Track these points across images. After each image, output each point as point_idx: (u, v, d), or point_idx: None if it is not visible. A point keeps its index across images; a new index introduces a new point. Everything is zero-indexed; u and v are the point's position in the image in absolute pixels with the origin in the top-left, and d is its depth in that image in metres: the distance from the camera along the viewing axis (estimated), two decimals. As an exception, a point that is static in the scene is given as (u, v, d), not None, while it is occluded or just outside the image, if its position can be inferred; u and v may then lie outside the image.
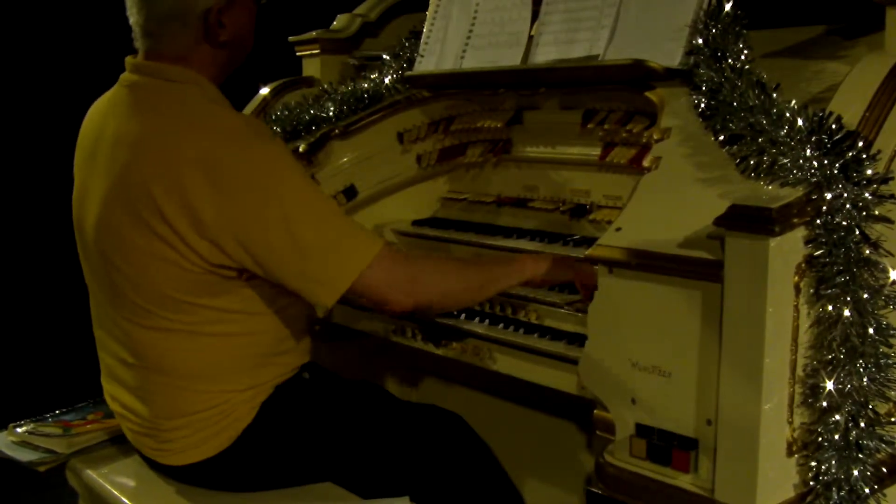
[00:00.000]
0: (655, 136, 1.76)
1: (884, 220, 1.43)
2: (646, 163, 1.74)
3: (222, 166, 1.67)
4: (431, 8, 2.45)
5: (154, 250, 1.72)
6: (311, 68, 2.85)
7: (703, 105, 1.72)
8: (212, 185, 1.66)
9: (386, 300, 1.76)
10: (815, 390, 1.43)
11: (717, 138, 1.65)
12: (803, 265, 1.41)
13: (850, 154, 1.44)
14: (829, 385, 1.41)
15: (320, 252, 1.71)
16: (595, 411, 1.67)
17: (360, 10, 2.92)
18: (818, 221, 1.41)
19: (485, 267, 1.95)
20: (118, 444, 2.09)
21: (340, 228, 1.74)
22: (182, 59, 1.81)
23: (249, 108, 2.65)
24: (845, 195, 1.41)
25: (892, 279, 1.44)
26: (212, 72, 1.84)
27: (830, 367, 1.41)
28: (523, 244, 2.16)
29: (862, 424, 1.42)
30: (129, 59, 1.87)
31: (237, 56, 1.89)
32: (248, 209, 1.67)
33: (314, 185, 1.82)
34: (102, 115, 1.88)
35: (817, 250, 1.40)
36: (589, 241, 1.80)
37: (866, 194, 1.42)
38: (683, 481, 1.53)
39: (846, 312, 1.40)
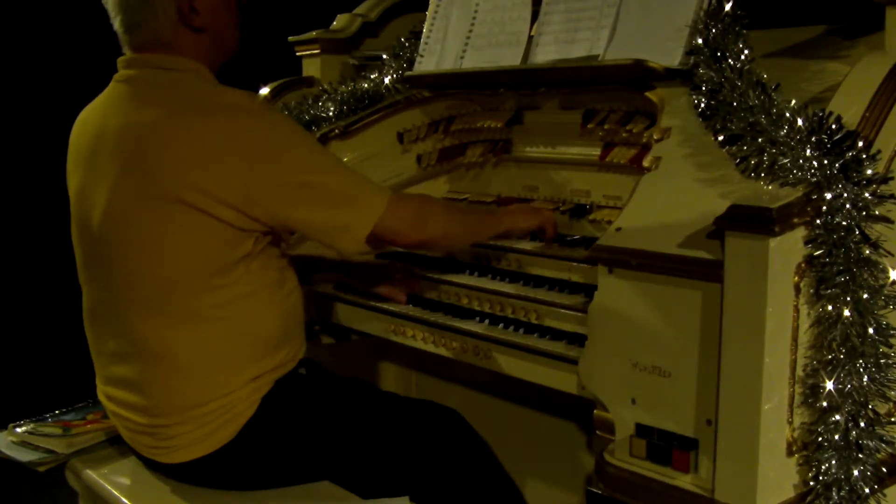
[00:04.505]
0: (655, 136, 1.76)
1: (884, 220, 1.43)
2: (646, 163, 1.75)
3: (240, 135, 1.75)
4: (431, 8, 2.45)
5: (170, 229, 1.76)
6: (311, 68, 2.86)
7: (702, 105, 1.72)
8: (235, 153, 1.74)
9: (400, 237, 1.94)
10: (815, 390, 1.43)
11: (716, 138, 1.65)
12: (803, 265, 1.41)
13: (850, 154, 1.44)
14: (829, 385, 1.41)
15: (343, 200, 1.84)
16: (595, 411, 1.67)
17: (360, 9, 2.92)
18: (818, 221, 1.41)
19: (476, 215, 2.19)
20: (118, 444, 2.08)
21: (355, 180, 1.88)
22: (168, 46, 1.85)
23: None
24: (845, 195, 1.41)
25: (891, 279, 1.44)
26: (199, 57, 1.87)
27: (830, 367, 1.41)
28: (523, 244, 2.15)
29: (862, 424, 1.42)
30: (120, 59, 1.91)
31: (220, 45, 1.92)
32: (273, 170, 1.76)
33: (321, 145, 2.02)
34: (100, 114, 1.90)
35: (817, 250, 1.40)
36: (589, 241, 1.80)
37: (866, 194, 1.42)
38: (683, 481, 1.53)
39: (846, 312, 1.40)
